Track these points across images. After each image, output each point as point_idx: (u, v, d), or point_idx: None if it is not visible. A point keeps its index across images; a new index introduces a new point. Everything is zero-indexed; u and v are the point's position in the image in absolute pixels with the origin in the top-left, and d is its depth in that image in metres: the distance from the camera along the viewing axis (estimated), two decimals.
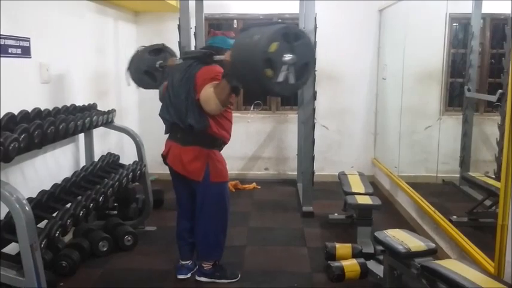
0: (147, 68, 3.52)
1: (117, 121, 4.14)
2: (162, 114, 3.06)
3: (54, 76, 3.49)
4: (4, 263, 2.46)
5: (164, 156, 3.12)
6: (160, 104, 3.12)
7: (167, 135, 3.13)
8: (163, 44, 3.61)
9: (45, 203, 2.95)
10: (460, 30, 4.70)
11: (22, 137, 2.57)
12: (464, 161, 4.19)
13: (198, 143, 2.95)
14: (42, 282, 2.41)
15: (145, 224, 4.13)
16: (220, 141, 3.04)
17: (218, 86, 2.70)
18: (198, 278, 3.19)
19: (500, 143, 3.25)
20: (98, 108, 3.99)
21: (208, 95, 2.72)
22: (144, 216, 4.13)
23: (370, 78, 5.68)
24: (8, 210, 2.43)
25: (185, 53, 3.23)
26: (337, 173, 4.56)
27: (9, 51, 2.94)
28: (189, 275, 3.23)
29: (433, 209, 3.69)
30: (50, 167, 3.49)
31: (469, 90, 4.14)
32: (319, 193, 5.02)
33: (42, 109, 3.14)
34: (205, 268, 3.16)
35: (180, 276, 3.22)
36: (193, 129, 2.88)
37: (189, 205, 3.16)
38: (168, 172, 3.12)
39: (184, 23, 4.39)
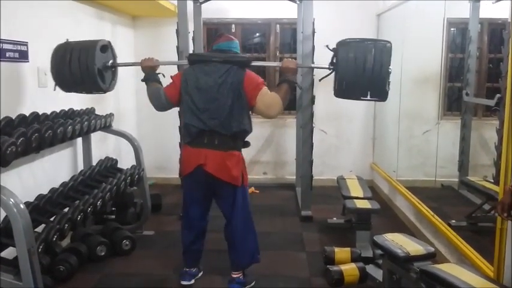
0: (101, 67, 3.05)
1: (115, 125, 4.13)
2: (190, 122, 2.87)
3: (52, 80, 3.48)
4: (2, 267, 2.45)
5: (201, 165, 2.87)
6: (154, 108, 3.06)
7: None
8: (109, 41, 3.29)
9: (42, 208, 2.94)
10: (457, 35, 4.71)
11: (20, 141, 2.57)
12: (463, 165, 4.20)
13: (237, 147, 2.95)
14: (39, 287, 2.40)
15: (143, 228, 4.12)
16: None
17: (281, 91, 2.85)
18: None
19: (498, 147, 3.25)
20: (96, 112, 3.99)
21: (274, 99, 2.84)
22: (142, 220, 4.12)
23: None
24: (5, 214, 2.42)
25: (212, 56, 2.95)
26: (335, 177, 4.55)
27: (7, 55, 2.93)
28: (192, 281, 3.18)
29: (431, 213, 3.69)
30: (47, 171, 3.48)
31: (467, 94, 4.16)
32: (318, 197, 5.02)
33: (40, 113, 3.14)
34: (239, 277, 3.10)
35: (184, 283, 3.15)
36: (237, 134, 2.89)
37: (207, 214, 3.16)
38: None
39: (182, 28, 4.37)
